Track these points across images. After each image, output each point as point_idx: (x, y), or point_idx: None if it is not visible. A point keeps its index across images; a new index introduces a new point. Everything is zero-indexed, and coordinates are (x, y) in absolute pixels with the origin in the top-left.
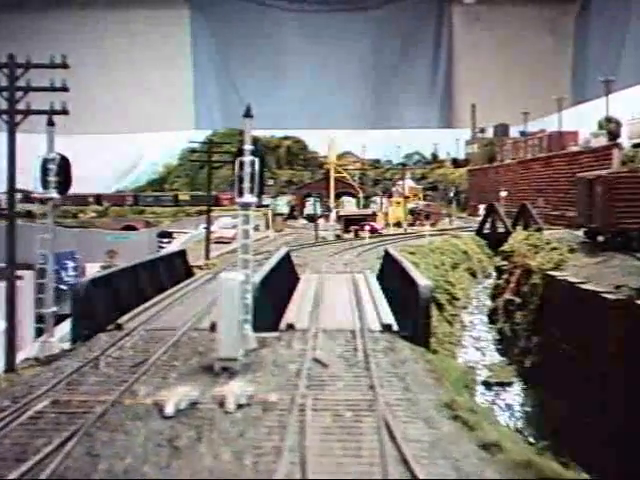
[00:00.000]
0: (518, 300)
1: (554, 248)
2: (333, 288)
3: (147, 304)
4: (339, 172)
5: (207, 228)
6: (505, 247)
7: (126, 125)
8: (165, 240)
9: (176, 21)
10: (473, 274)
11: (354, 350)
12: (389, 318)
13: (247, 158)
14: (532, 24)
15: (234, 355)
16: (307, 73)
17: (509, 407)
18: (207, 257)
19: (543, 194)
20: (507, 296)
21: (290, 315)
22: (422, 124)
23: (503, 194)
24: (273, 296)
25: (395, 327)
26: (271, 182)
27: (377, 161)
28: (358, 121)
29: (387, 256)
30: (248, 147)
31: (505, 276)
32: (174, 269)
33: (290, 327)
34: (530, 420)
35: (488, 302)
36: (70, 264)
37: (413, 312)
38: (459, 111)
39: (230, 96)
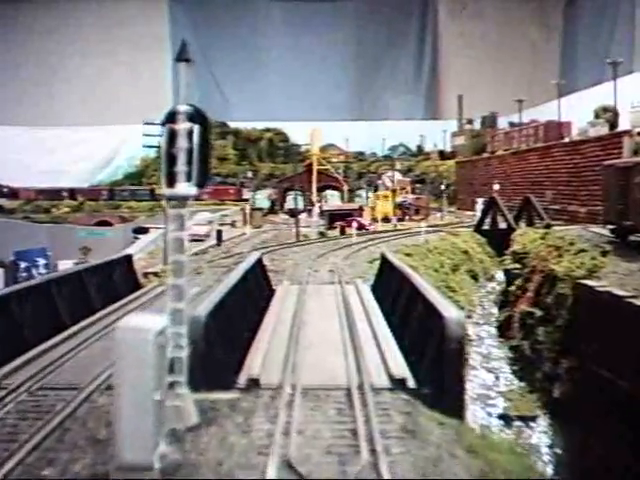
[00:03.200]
0: (539, 313)
1: (582, 250)
2: (317, 309)
3: (55, 340)
4: (322, 164)
5: (166, 227)
6: (516, 247)
7: (103, 117)
8: (140, 236)
9: (154, 12)
10: (474, 277)
11: (352, 435)
12: (401, 367)
13: (182, 125)
14: (519, 14)
15: (146, 460)
16: (289, 64)
17: (535, 448)
18: (165, 261)
19: (541, 187)
20: (524, 307)
21: (254, 361)
22: (407, 116)
23: (496, 187)
24: (232, 329)
25: (411, 382)
26: (250, 174)
27: (361, 153)
28: (342, 113)
29: (385, 263)
30: (184, 108)
31: (518, 282)
32: (111, 282)
33: (253, 383)
34: (563, 466)
35: (494, 310)
36: (41, 261)
37: (437, 359)
38: (445, 102)
39: (210, 88)
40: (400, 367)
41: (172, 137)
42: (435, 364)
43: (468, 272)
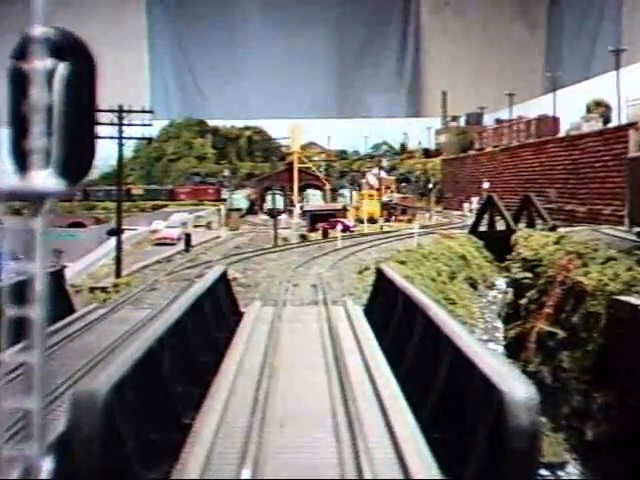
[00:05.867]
0: (562, 333)
1: (610, 258)
2: (296, 347)
3: None
4: (303, 162)
5: (118, 232)
6: (527, 253)
7: None
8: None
9: (131, 7)
10: (473, 284)
11: None
12: (426, 464)
13: (37, 64)
14: (503, 9)
15: None
16: (269, 61)
17: None
18: (118, 274)
19: (535, 184)
20: (541, 325)
21: (194, 460)
22: (390, 113)
23: (485, 185)
24: (161, 400)
25: None
26: (227, 173)
27: (343, 152)
28: (323, 110)
29: (382, 280)
30: (41, 31)
31: (531, 294)
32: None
33: None
34: None
35: (498, 324)
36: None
37: (490, 463)
38: (428, 99)
39: (188, 85)
40: (425, 465)
41: (22, 85)
42: (486, 470)
43: (466, 280)
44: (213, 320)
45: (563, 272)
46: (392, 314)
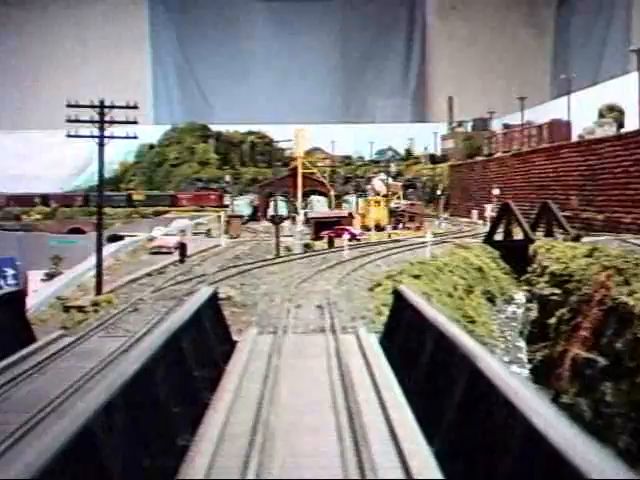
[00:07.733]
0: (603, 361)
1: None
2: (298, 396)
3: None
4: (308, 168)
5: (98, 241)
6: (554, 266)
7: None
8: (113, 245)
9: (133, 9)
10: (491, 299)
11: None
12: None
13: None
14: (510, 14)
15: None
16: (273, 64)
17: None
18: (99, 290)
19: (549, 191)
20: (576, 350)
21: None
22: (395, 118)
23: (496, 192)
24: None
25: None
26: (228, 178)
27: (348, 157)
28: (327, 115)
29: (402, 304)
30: None
31: (561, 313)
32: None
33: None
34: None
35: (520, 343)
36: (10, 272)
37: None
38: (434, 104)
39: (191, 89)
40: None
41: None
42: None
43: (484, 294)
44: (197, 358)
45: (601, 290)
46: (418, 353)
